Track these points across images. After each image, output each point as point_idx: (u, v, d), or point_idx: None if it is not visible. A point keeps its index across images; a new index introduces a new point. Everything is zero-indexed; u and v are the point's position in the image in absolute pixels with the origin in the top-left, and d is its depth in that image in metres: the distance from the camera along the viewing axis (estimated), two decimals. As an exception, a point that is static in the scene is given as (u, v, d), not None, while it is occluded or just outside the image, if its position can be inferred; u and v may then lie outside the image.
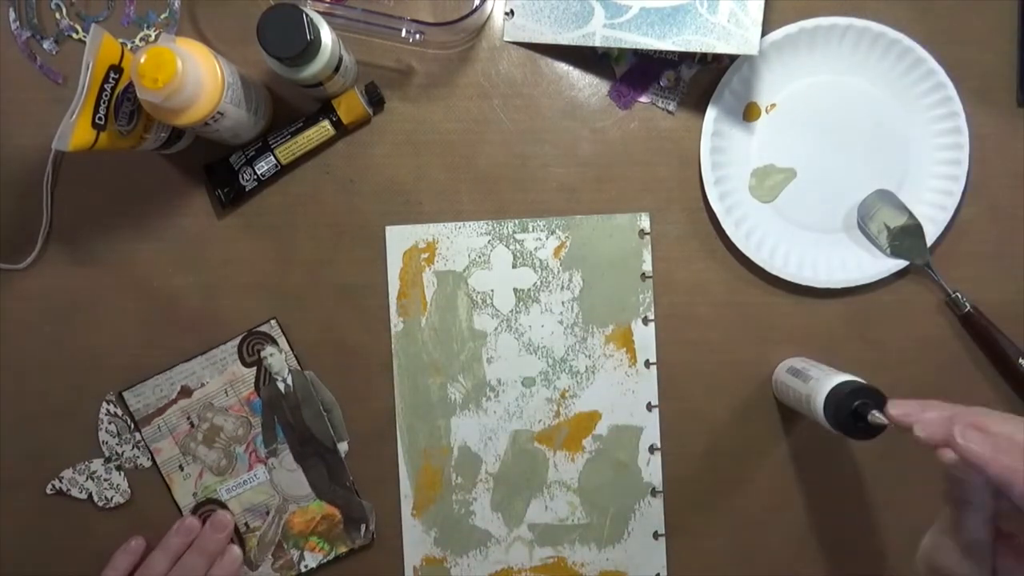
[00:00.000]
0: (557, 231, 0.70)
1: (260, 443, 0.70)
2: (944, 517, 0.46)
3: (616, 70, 0.70)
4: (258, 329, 0.70)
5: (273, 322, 0.70)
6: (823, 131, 0.70)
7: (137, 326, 0.70)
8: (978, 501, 0.44)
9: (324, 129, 0.69)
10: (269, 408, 0.70)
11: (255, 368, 0.70)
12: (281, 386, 0.70)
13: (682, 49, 0.65)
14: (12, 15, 0.70)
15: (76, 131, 0.57)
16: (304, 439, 0.70)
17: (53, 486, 0.71)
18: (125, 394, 0.70)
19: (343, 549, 0.71)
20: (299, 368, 0.70)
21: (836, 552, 0.70)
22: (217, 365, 0.70)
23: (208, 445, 0.70)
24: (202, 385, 0.70)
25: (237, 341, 0.70)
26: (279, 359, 0.70)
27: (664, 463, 0.70)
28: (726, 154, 0.69)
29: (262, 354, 0.70)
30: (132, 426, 0.70)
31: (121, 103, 0.60)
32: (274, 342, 0.70)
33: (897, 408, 0.47)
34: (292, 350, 0.70)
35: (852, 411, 0.54)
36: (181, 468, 0.70)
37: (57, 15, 0.70)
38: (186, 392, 0.70)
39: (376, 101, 0.69)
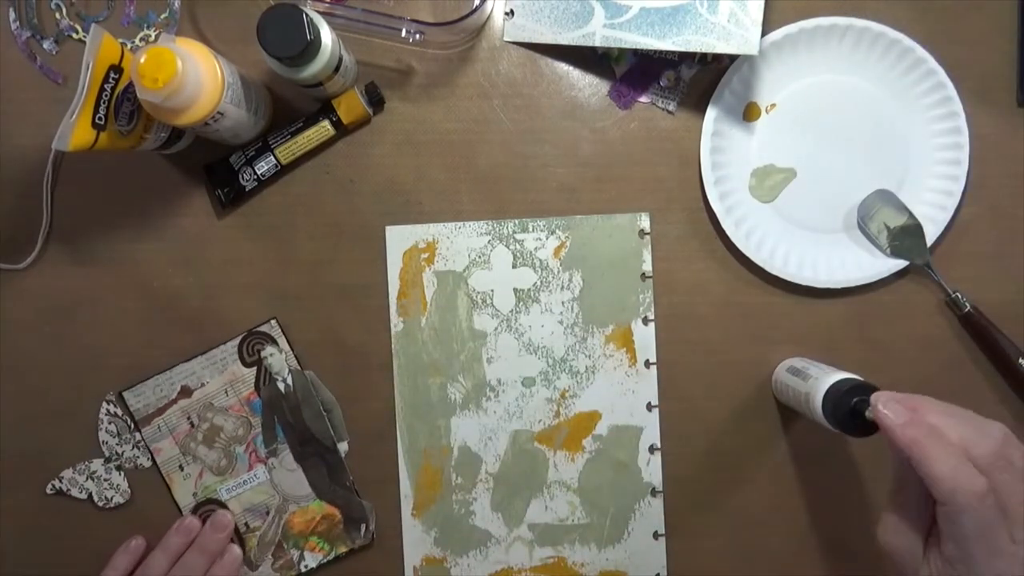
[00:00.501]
0: (557, 231, 0.70)
1: (260, 443, 0.70)
2: (890, 493, 0.48)
3: (616, 70, 0.70)
4: (258, 329, 0.70)
5: (273, 322, 0.70)
6: (823, 131, 0.70)
7: (137, 326, 0.70)
8: (915, 479, 0.45)
9: (324, 129, 0.69)
10: (269, 408, 0.70)
11: (255, 368, 0.70)
12: (281, 386, 0.70)
13: (682, 49, 0.65)
14: (12, 15, 0.70)
15: (76, 131, 0.57)
16: (304, 439, 0.70)
17: (53, 486, 0.71)
18: (125, 394, 0.70)
19: (343, 549, 0.71)
20: (299, 368, 0.70)
21: (836, 552, 0.70)
22: (217, 365, 0.70)
23: (208, 445, 0.70)
24: (202, 385, 0.70)
25: (237, 341, 0.70)
26: (279, 359, 0.70)
27: (664, 463, 0.70)
28: (726, 154, 0.69)
29: (262, 354, 0.70)
30: (132, 426, 0.70)
31: (121, 103, 0.60)
32: (274, 342, 0.70)
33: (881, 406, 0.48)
34: (292, 350, 0.70)
35: (850, 409, 0.54)
36: (181, 468, 0.70)
37: (57, 15, 0.70)
38: (186, 392, 0.70)
39: (376, 101, 0.69)
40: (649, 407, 0.70)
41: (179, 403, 0.70)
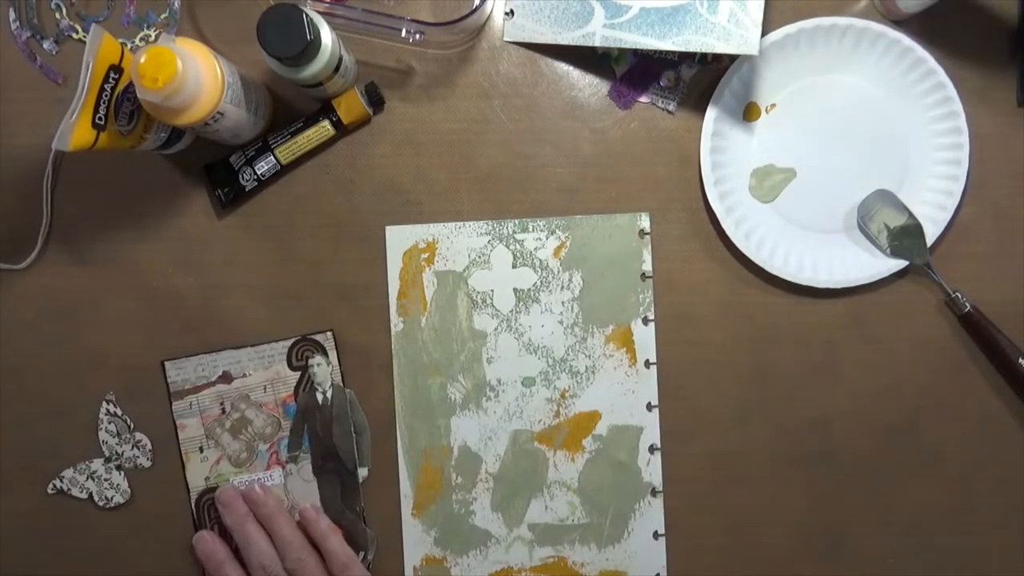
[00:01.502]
0: (557, 231, 0.70)
1: (284, 446, 0.70)
2: None
3: (616, 70, 0.70)
4: (312, 336, 0.70)
5: (329, 334, 0.70)
6: (823, 131, 0.70)
7: (137, 326, 0.70)
8: None
9: (324, 129, 0.69)
10: (302, 415, 0.70)
11: (299, 373, 0.70)
12: (319, 397, 0.70)
13: (682, 49, 0.65)
14: (12, 15, 0.70)
15: (76, 131, 0.57)
16: (327, 454, 0.70)
17: (54, 486, 0.71)
18: (167, 364, 0.70)
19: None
20: (342, 385, 0.70)
21: (836, 552, 0.70)
22: (264, 360, 0.70)
23: (233, 435, 0.70)
24: (244, 375, 0.70)
25: (289, 343, 0.70)
26: (324, 371, 0.70)
27: (664, 463, 0.70)
28: (726, 154, 0.69)
29: (310, 361, 0.70)
30: (132, 426, 0.70)
31: (121, 103, 0.60)
32: (325, 353, 0.70)
33: None
34: (340, 366, 0.70)
35: None
36: (201, 450, 0.70)
37: (57, 15, 0.70)
38: (226, 378, 0.70)
39: (376, 101, 0.69)
40: (649, 407, 0.70)
41: (217, 387, 0.70)
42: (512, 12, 0.69)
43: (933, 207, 0.68)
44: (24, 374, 0.71)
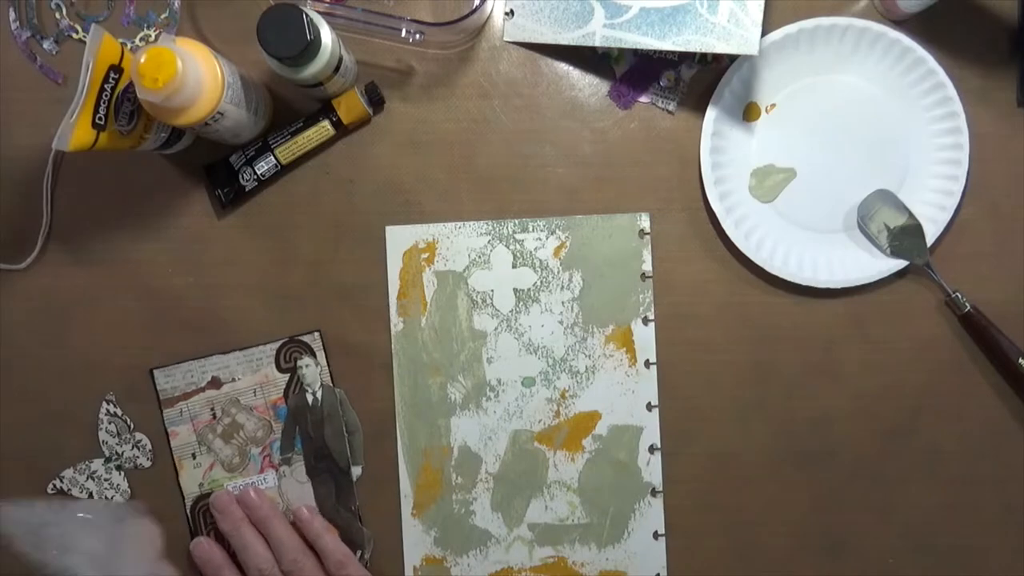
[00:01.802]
0: (557, 231, 0.70)
1: (276, 449, 0.70)
2: None
3: (616, 70, 0.70)
4: (300, 337, 0.70)
5: (316, 334, 0.70)
6: (823, 131, 0.70)
7: (137, 326, 0.70)
8: None
9: (324, 129, 0.69)
10: (293, 417, 0.70)
11: (288, 375, 0.70)
12: (310, 398, 0.70)
13: (682, 49, 0.65)
14: (12, 15, 0.70)
15: (76, 131, 0.57)
16: (320, 455, 0.70)
17: (54, 486, 0.71)
18: (156, 372, 0.70)
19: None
20: (331, 385, 0.70)
21: (836, 552, 0.70)
22: (252, 364, 0.70)
23: (225, 440, 0.70)
24: (233, 380, 0.70)
25: (277, 345, 0.70)
26: (313, 371, 0.70)
27: (664, 463, 0.70)
28: (726, 154, 0.69)
29: (298, 363, 0.70)
30: (132, 426, 0.70)
31: (121, 103, 0.60)
32: (312, 354, 0.70)
33: None
34: (329, 366, 0.70)
35: None
36: (193, 456, 0.70)
37: (57, 15, 0.70)
38: (216, 383, 0.70)
39: (376, 101, 0.69)
40: (649, 407, 0.70)
41: (206, 392, 0.70)
42: (512, 12, 0.69)
43: (933, 207, 0.68)
44: (24, 374, 0.71)
